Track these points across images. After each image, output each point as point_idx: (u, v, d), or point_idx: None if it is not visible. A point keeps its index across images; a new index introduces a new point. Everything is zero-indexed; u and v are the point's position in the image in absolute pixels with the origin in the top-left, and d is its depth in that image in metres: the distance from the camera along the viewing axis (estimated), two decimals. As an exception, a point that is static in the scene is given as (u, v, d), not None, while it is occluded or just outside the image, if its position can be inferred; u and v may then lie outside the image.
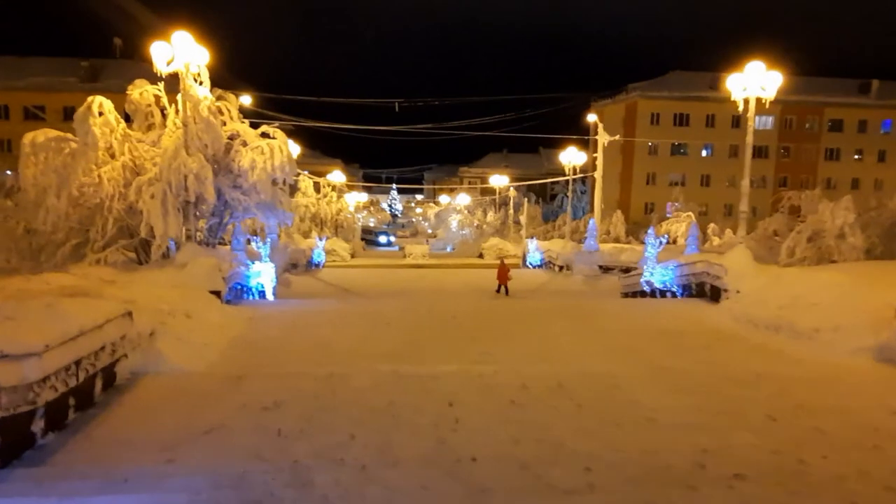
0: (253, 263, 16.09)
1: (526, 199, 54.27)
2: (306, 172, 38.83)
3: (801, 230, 23.64)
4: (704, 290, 15.86)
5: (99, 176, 13.93)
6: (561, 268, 29.83)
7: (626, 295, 21.24)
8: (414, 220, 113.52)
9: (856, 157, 60.04)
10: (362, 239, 58.42)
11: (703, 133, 59.82)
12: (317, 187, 44.60)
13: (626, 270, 30.62)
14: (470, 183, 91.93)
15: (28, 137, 13.92)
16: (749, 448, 6.20)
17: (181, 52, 13.50)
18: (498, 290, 22.63)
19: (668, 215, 55.20)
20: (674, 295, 17.72)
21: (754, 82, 15.67)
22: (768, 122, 60.42)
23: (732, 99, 16.11)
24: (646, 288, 18.95)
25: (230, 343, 10.46)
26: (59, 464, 5.72)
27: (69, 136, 14.15)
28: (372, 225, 78.87)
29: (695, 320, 13.42)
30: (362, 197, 68.86)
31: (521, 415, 7.23)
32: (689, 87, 59.63)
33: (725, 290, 14.83)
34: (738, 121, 60.20)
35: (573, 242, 31.81)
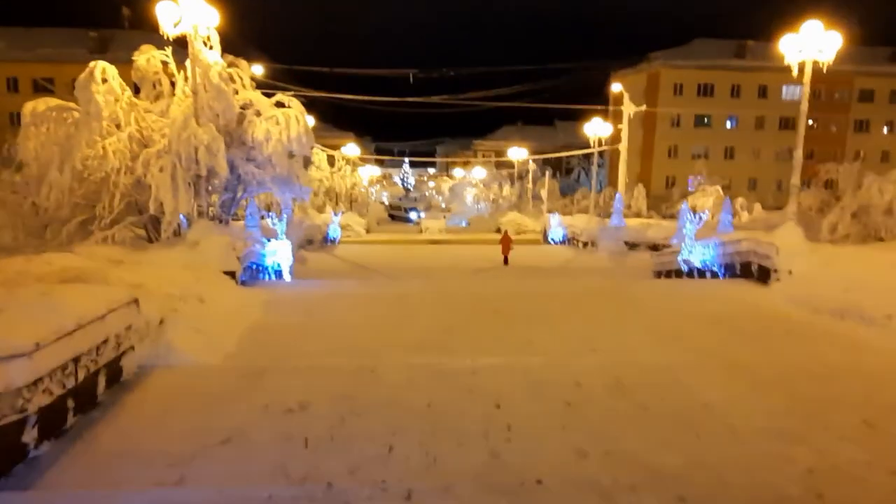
0: (268, 241, 15.19)
1: (548, 172, 52.90)
2: (319, 146, 37.76)
3: (844, 205, 22.40)
4: (751, 271, 14.78)
5: (104, 148, 13.00)
6: (585, 244, 28.76)
7: (658, 274, 20.18)
8: (427, 194, 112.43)
9: (885, 129, 57.91)
10: (389, 216, 57.72)
11: (727, 104, 57.86)
12: (330, 161, 43.54)
13: (654, 247, 29.48)
14: (484, 156, 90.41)
15: (28, 107, 13.00)
16: (862, 467, 5.24)
17: (189, 12, 12.43)
18: (505, 262, 24.22)
19: (690, 189, 53.68)
20: (714, 275, 16.65)
21: (811, 44, 14.35)
22: (796, 92, 58.18)
23: (786, 63, 14.80)
24: (683, 267, 17.88)
25: (247, 331, 9.59)
26: (50, 485, 4.88)
27: (71, 105, 13.22)
28: (385, 199, 77.77)
29: (747, 303, 12.39)
30: (375, 171, 67.67)
31: (581, 420, 6.31)
32: (714, 56, 57.56)
33: (775, 271, 13.75)
34: (764, 90, 58.27)
35: (597, 218, 30.66)
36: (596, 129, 31.74)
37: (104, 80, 13.07)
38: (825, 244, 15.40)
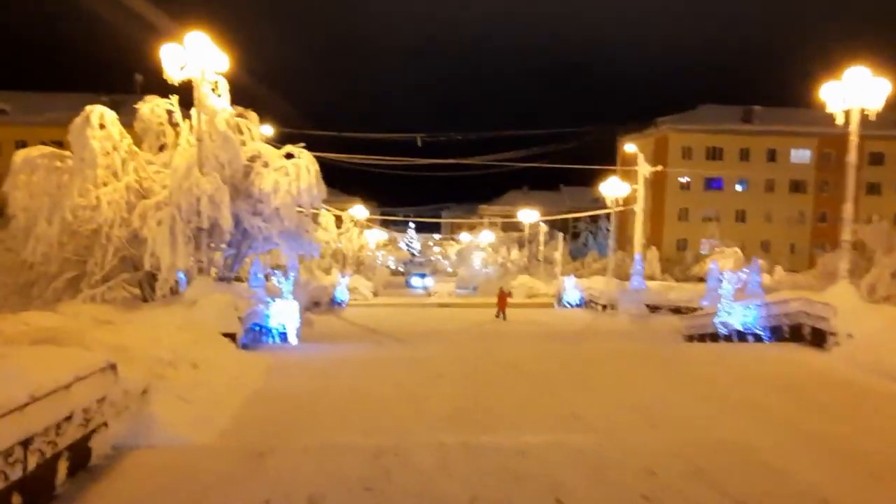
0: (273, 301, 13.97)
1: (561, 235, 52.08)
2: (325, 207, 37.03)
3: (881, 265, 21.21)
4: (801, 334, 13.43)
5: (97, 198, 12.00)
6: (605, 307, 27.40)
7: (691, 338, 18.76)
8: (433, 258, 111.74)
9: (897, 191, 57.32)
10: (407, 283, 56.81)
11: (737, 167, 57.56)
12: (337, 223, 42.80)
13: (677, 310, 28.17)
14: (491, 222, 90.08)
15: (19, 155, 12.11)
16: None
17: (196, 56, 11.70)
18: (497, 315, 25.94)
19: (702, 252, 52.66)
20: (758, 338, 15.27)
21: (856, 92, 13.53)
22: (806, 155, 58.15)
23: (828, 111, 13.92)
24: (721, 330, 16.50)
25: (247, 401, 8.24)
26: None
27: (66, 153, 12.34)
28: (392, 264, 76.84)
29: (808, 369, 11.01)
30: (382, 235, 67.05)
31: (670, 521, 4.92)
32: (720, 121, 57.72)
33: (833, 334, 12.41)
34: (773, 154, 58.12)
35: (616, 280, 29.42)
36: (613, 189, 30.95)
37: (102, 126, 12.22)
38: (884, 306, 14.09)
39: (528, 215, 48.88)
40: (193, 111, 12.98)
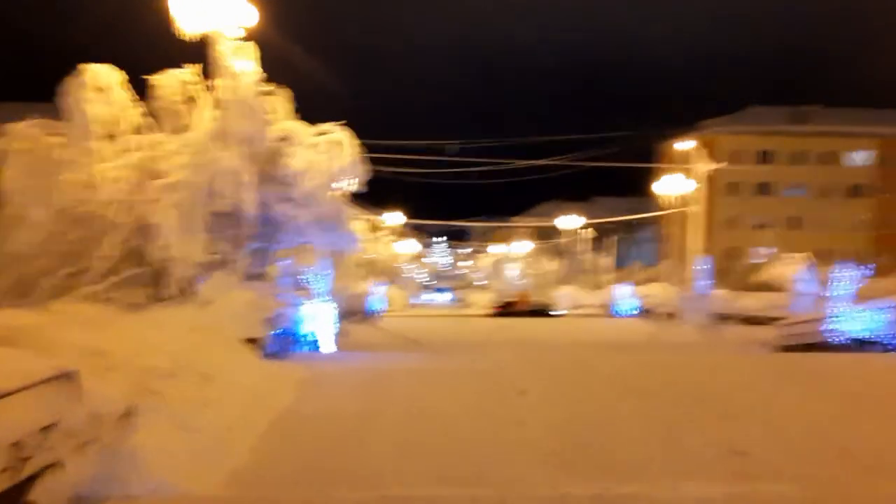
0: (306, 303, 11.84)
1: (615, 238, 49.44)
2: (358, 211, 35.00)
3: None
4: (955, 342, 10.76)
5: (95, 175, 10.02)
6: (668, 316, 24.74)
7: (787, 349, 16.07)
8: (463, 272, 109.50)
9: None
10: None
11: (789, 171, 54.21)
12: (371, 230, 40.85)
13: (749, 319, 25.42)
14: (523, 234, 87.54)
15: (9, 129, 10.23)
16: None
17: (215, 4, 9.71)
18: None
19: (755, 261, 49.55)
20: (886, 348, 12.62)
21: None
22: (864, 157, 54.53)
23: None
24: (835, 339, 13.82)
25: (272, 427, 6.02)
26: None
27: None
28: (421, 278, 74.81)
29: None
30: (413, 248, 65.07)
31: None
32: (769, 122, 54.53)
33: None
34: (830, 156, 54.65)
35: (675, 287, 26.78)
36: (670, 186, 28.35)
37: (100, 90, 10.27)
38: None
39: (572, 221, 46.29)
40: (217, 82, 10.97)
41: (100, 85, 10.21)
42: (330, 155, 11.45)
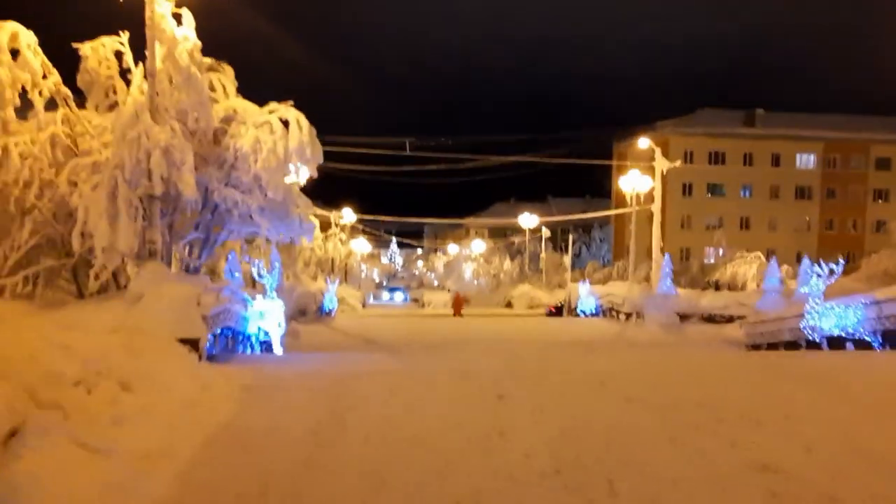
0: (254, 300, 10.63)
1: (571, 236, 49.29)
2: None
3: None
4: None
5: (5, 148, 8.58)
6: (628, 315, 24.29)
7: (756, 347, 15.69)
8: (416, 272, 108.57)
9: (906, 197, 55.38)
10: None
11: (741, 172, 55.24)
12: (323, 227, 39.37)
13: (710, 318, 25.26)
14: (477, 234, 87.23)
15: None
16: None
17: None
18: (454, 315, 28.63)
19: (707, 261, 50.27)
20: (862, 345, 12.23)
21: None
22: (810, 160, 56.01)
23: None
24: (811, 336, 13.41)
25: (207, 446, 4.89)
26: None
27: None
28: (376, 277, 73.46)
29: None
30: (366, 247, 63.63)
31: None
32: (721, 124, 55.49)
33: None
34: (777, 159, 55.93)
35: (639, 284, 26.42)
36: (633, 182, 28.04)
37: (16, 52, 8.86)
38: None
39: (531, 220, 45.84)
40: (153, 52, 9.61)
41: (15, 46, 8.76)
42: (280, 135, 10.27)
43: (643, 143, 31.44)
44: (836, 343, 13.12)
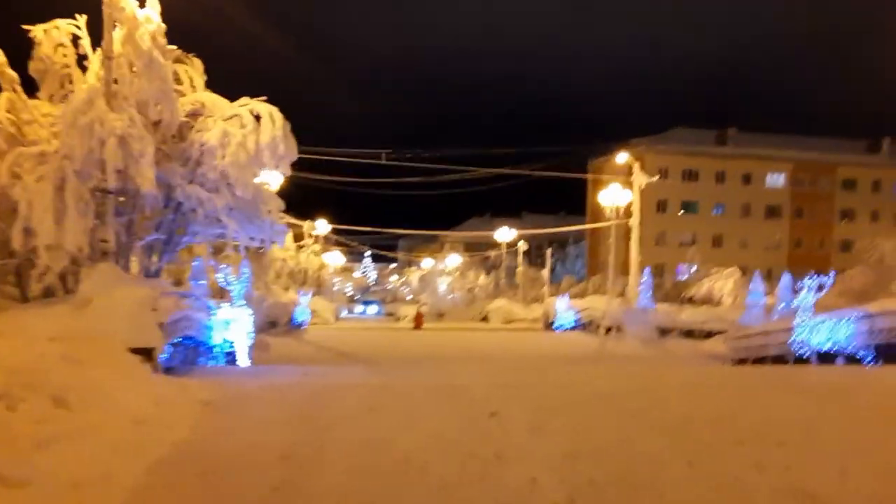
0: (219, 308, 9.77)
1: (549, 251, 49.01)
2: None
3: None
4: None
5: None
6: (608, 330, 23.81)
7: (741, 362, 15.25)
8: (390, 287, 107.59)
9: (870, 218, 56.46)
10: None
11: (713, 190, 55.84)
12: (296, 237, 38.35)
13: (689, 333, 24.95)
14: (452, 248, 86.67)
15: None
16: None
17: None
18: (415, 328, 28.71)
19: (680, 277, 50.44)
20: (852, 360, 11.86)
21: None
22: (779, 179, 56.90)
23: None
24: (800, 351, 12.99)
25: (154, 473, 4.08)
26: None
27: None
28: (349, 291, 72.42)
29: None
30: (339, 260, 62.56)
31: None
32: (695, 143, 56.13)
33: None
34: (749, 178, 56.68)
35: (618, 299, 26.03)
36: (613, 196, 27.75)
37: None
38: None
39: (506, 234, 45.42)
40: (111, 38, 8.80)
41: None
42: (251, 129, 9.50)
43: (621, 157, 31.31)
44: (825, 358, 12.75)
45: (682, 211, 56.13)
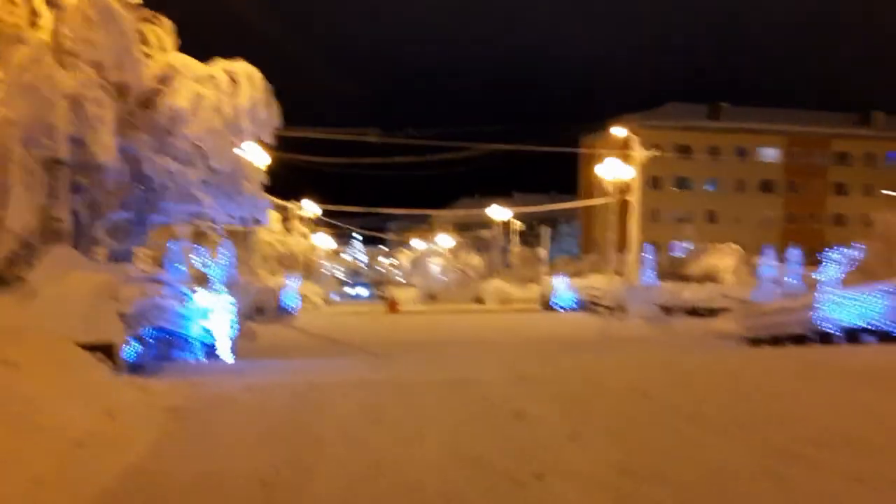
0: (194, 294, 8.72)
1: (549, 230, 48.05)
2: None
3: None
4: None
5: None
6: (611, 309, 22.98)
7: (757, 342, 14.40)
8: (380, 269, 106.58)
9: (863, 192, 55.96)
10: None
11: (707, 165, 55.08)
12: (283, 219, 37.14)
13: (694, 311, 24.20)
14: (442, 229, 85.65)
15: None
16: None
17: None
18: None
19: (674, 253, 49.81)
20: (886, 338, 11.02)
21: None
22: (775, 154, 56.21)
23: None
24: (826, 328, 12.13)
25: (101, 502, 3.07)
26: None
27: None
28: (339, 274, 71.36)
29: None
30: (329, 243, 61.33)
31: None
32: (688, 118, 55.24)
33: None
34: (742, 152, 55.94)
35: (620, 277, 25.19)
36: (613, 170, 26.76)
37: None
38: None
39: (500, 212, 44.42)
40: None
41: None
42: (228, 92, 8.39)
43: (620, 131, 30.26)
44: (852, 336, 11.94)
45: (676, 187, 55.36)
